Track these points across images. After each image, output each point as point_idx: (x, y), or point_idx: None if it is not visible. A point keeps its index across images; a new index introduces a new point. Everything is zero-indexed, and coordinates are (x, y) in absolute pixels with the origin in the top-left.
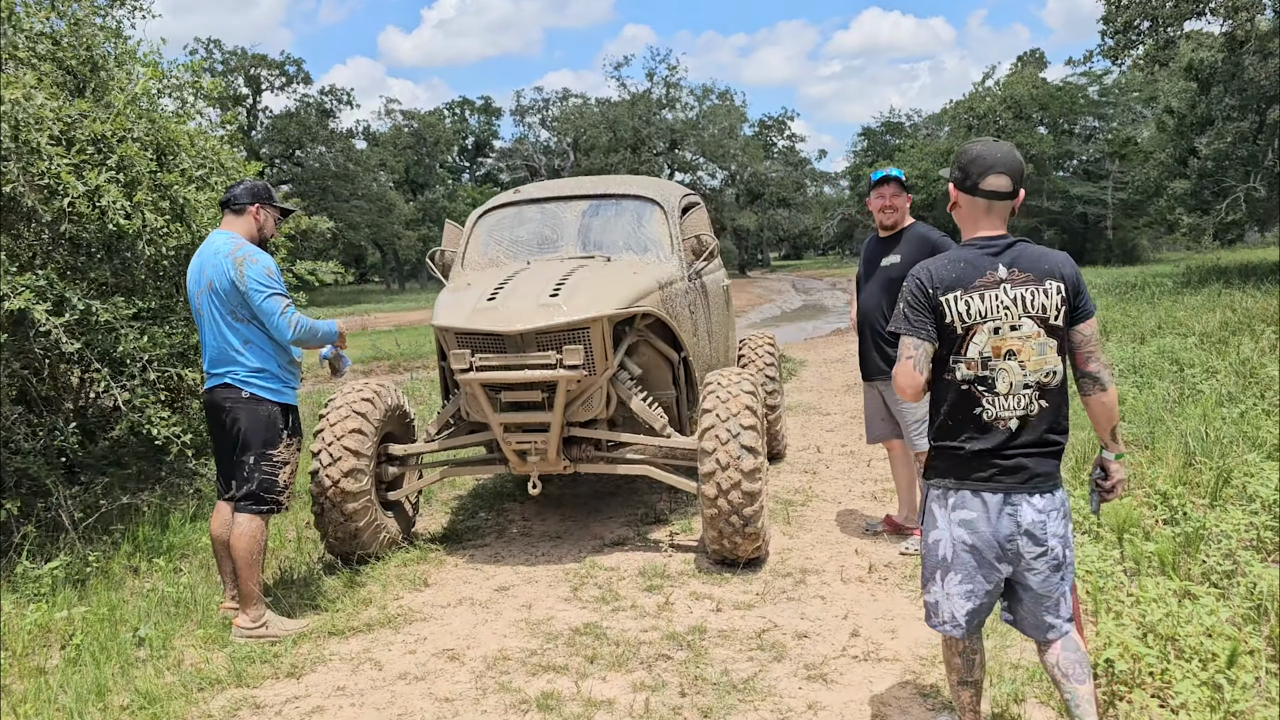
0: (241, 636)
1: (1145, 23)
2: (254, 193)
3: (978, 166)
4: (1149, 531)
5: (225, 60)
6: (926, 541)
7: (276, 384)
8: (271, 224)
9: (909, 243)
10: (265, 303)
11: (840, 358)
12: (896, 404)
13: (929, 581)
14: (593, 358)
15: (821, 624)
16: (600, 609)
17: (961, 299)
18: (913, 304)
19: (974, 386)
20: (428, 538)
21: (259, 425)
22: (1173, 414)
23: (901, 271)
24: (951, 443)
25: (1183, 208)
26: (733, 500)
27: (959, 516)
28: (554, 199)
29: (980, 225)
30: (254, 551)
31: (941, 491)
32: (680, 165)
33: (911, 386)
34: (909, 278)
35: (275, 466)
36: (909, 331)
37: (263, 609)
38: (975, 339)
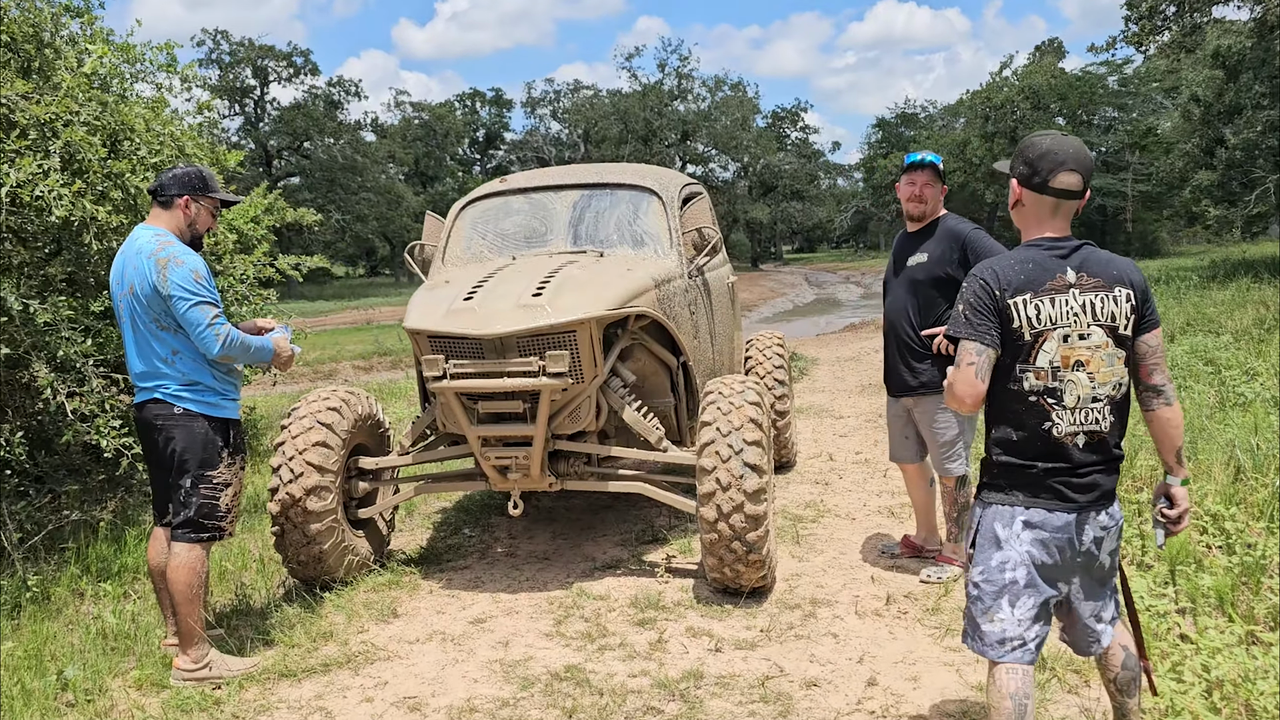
0: (181, 679)
1: (1171, 8)
2: (183, 182)
3: (1048, 162)
4: (1202, 560)
5: (233, 51)
6: (988, 564)
7: (213, 397)
8: (206, 218)
9: (938, 239)
10: (190, 312)
11: (854, 355)
12: (929, 424)
13: (992, 609)
14: (580, 364)
15: (834, 669)
16: (585, 648)
17: (1031, 303)
18: (976, 306)
19: (1043, 398)
20: (403, 558)
21: (195, 444)
22: (1214, 421)
23: (929, 272)
24: (1019, 460)
25: (1209, 199)
26: (734, 525)
27: (1031, 535)
28: (543, 188)
29: (1045, 225)
30: (194, 585)
31: (1009, 509)
32: (692, 157)
33: (972, 396)
34: (970, 278)
35: (216, 489)
36: (971, 336)
37: (206, 648)
38: (1045, 346)
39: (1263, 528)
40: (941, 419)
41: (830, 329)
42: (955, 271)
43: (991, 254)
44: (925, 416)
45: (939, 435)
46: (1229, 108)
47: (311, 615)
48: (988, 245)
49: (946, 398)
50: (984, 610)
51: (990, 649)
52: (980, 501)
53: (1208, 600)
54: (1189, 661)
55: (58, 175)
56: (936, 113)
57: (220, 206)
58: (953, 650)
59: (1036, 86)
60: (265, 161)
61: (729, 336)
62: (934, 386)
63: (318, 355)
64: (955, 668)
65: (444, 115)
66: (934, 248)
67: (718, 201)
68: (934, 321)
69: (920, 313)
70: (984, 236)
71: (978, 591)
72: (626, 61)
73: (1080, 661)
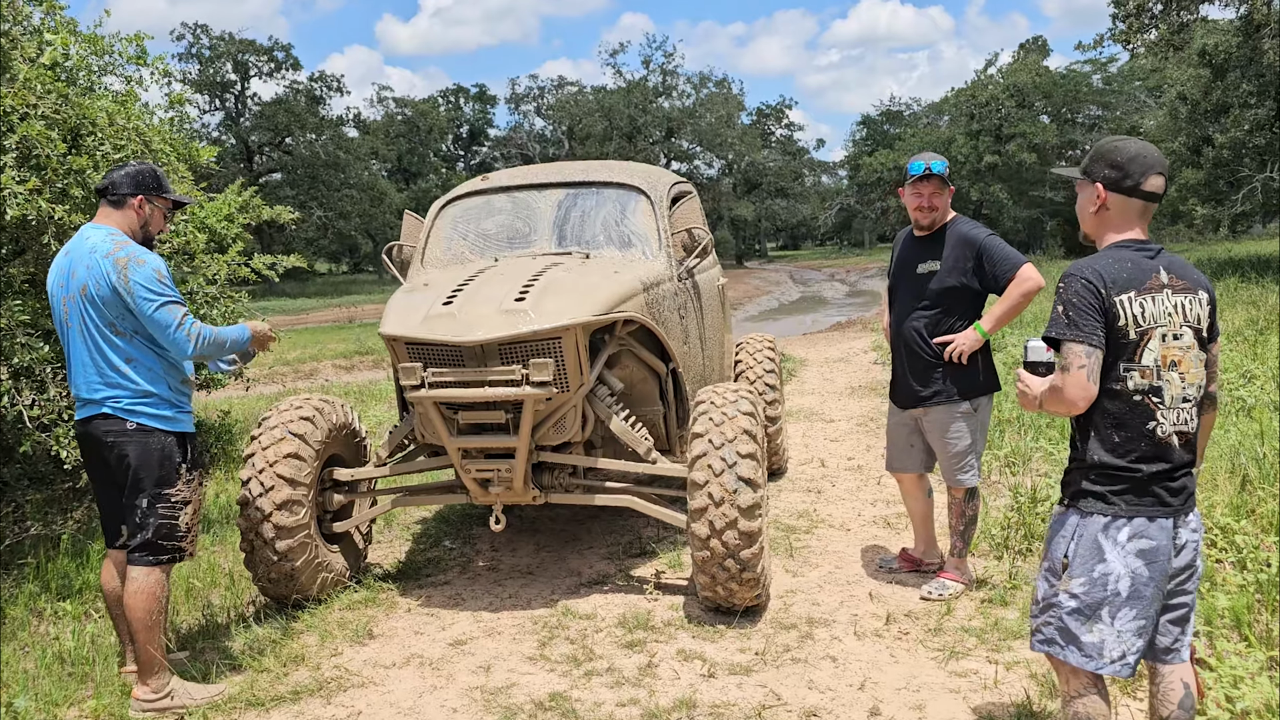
0: (140, 710)
1: (1158, 6)
2: (137, 181)
3: (1139, 166)
4: (1214, 577)
5: (213, 46)
6: (1090, 575)
7: (169, 410)
8: (159, 219)
9: (951, 246)
10: (158, 313)
11: (843, 356)
12: (942, 434)
13: (1092, 619)
14: (565, 372)
15: (834, 697)
16: (571, 673)
17: (1136, 301)
18: (1080, 306)
19: (1148, 397)
20: (380, 573)
21: (151, 461)
22: (1216, 427)
23: (942, 281)
24: (1121, 462)
25: (1195, 198)
26: (728, 542)
27: (1136, 546)
28: (527, 187)
29: (1130, 229)
30: (153, 611)
31: (1109, 519)
32: (677, 154)
33: (1085, 400)
34: (1069, 277)
35: (174, 508)
36: (1079, 338)
37: (167, 676)
38: (1150, 345)
39: (1274, 542)
40: (955, 429)
41: (817, 328)
42: (970, 280)
43: (1008, 260)
44: (937, 426)
45: (952, 446)
46: (1216, 106)
47: (282, 637)
48: (1004, 252)
49: (1052, 402)
50: (1083, 622)
51: (1090, 659)
52: (1076, 510)
53: (1224, 621)
54: (1210, 691)
55: (13, 172)
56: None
57: (173, 208)
58: (957, 675)
59: (1021, 84)
60: (246, 157)
61: (719, 341)
62: (946, 396)
63: (298, 354)
64: (961, 694)
65: (427, 111)
66: (947, 254)
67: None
68: (945, 331)
69: (932, 322)
70: (999, 243)
71: (1076, 603)
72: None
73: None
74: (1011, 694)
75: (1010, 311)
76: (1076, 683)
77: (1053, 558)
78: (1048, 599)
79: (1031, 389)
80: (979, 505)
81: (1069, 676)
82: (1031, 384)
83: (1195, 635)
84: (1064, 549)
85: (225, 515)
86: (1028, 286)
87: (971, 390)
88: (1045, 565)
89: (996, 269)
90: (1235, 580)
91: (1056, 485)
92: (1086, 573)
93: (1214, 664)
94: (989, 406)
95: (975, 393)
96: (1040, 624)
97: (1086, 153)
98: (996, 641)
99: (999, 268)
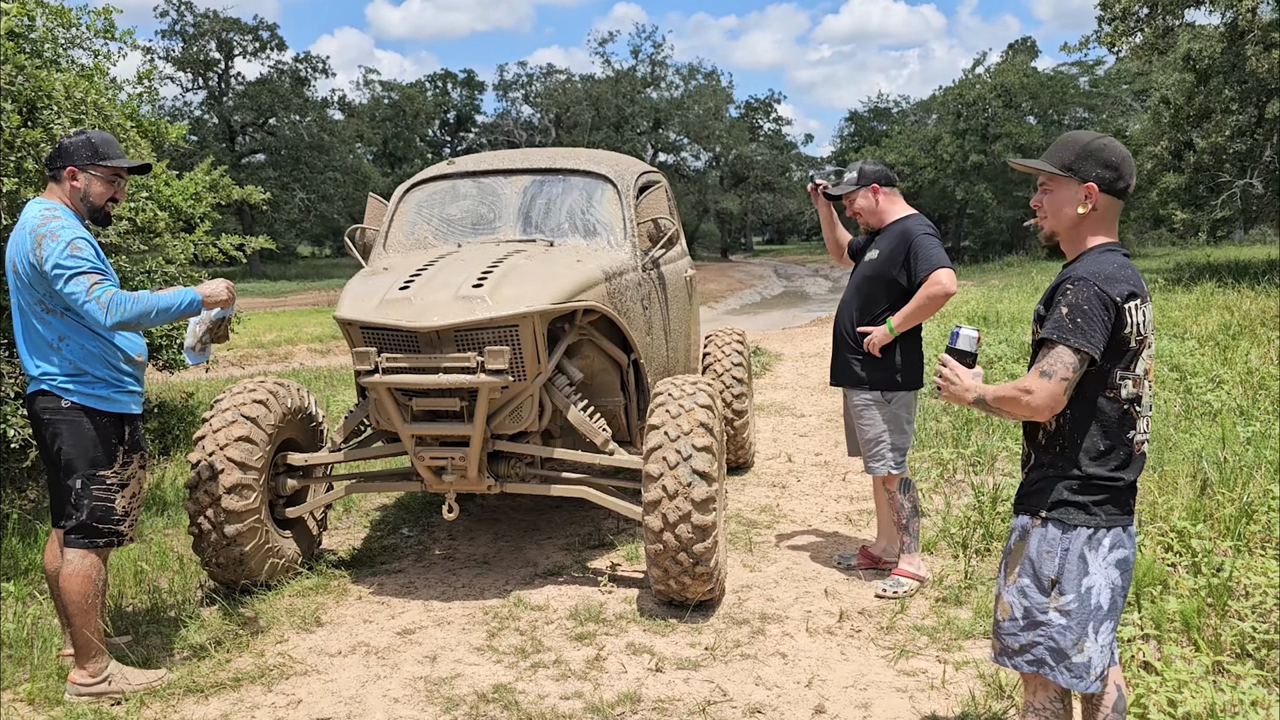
0: (76, 694)
1: (1144, 10)
2: (68, 152)
3: (1129, 167)
4: (1168, 581)
5: (197, 23)
6: (1078, 590)
7: (103, 389)
8: (101, 187)
9: (889, 238)
10: (66, 286)
11: (818, 351)
12: (856, 419)
13: (1082, 639)
14: (522, 361)
15: (780, 693)
16: (517, 665)
17: (1140, 309)
18: (1090, 314)
19: (1134, 406)
20: (334, 559)
21: (84, 442)
22: (1180, 430)
23: (875, 269)
24: (1104, 471)
25: (1176, 202)
26: (681, 535)
27: (1115, 557)
28: (493, 172)
29: (1110, 231)
30: (89, 594)
31: (1092, 531)
32: (664, 145)
33: (1051, 412)
34: (1080, 281)
35: (109, 491)
36: (1078, 346)
37: (104, 660)
38: (1143, 354)
39: (1230, 546)
40: (866, 415)
41: (796, 323)
42: (897, 273)
43: (933, 260)
44: (854, 410)
45: (863, 431)
46: (1199, 111)
47: (228, 623)
48: (928, 253)
49: (1012, 403)
50: (1074, 641)
51: (1079, 680)
52: (1056, 523)
53: (1174, 625)
54: (1154, 695)
55: None
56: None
57: (118, 175)
58: (906, 674)
59: (1009, 85)
60: (229, 137)
61: (685, 333)
62: (858, 382)
63: (274, 337)
64: (908, 694)
65: (414, 96)
66: (885, 246)
67: (688, 191)
68: (871, 320)
69: (861, 309)
70: (929, 243)
71: (1066, 620)
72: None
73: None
74: (958, 694)
75: (915, 312)
76: (1044, 695)
77: (1039, 574)
78: (1033, 617)
79: (960, 379)
80: (915, 498)
81: (1038, 688)
82: (960, 373)
83: (1145, 639)
84: (1051, 566)
85: (181, 498)
86: (934, 290)
87: (884, 382)
88: (1021, 580)
89: (917, 266)
90: (1187, 584)
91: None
92: (1075, 589)
93: (1160, 668)
94: (907, 401)
95: (888, 386)
96: (1026, 643)
97: (1056, 148)
98: (948, 641)
99: (919, 265)
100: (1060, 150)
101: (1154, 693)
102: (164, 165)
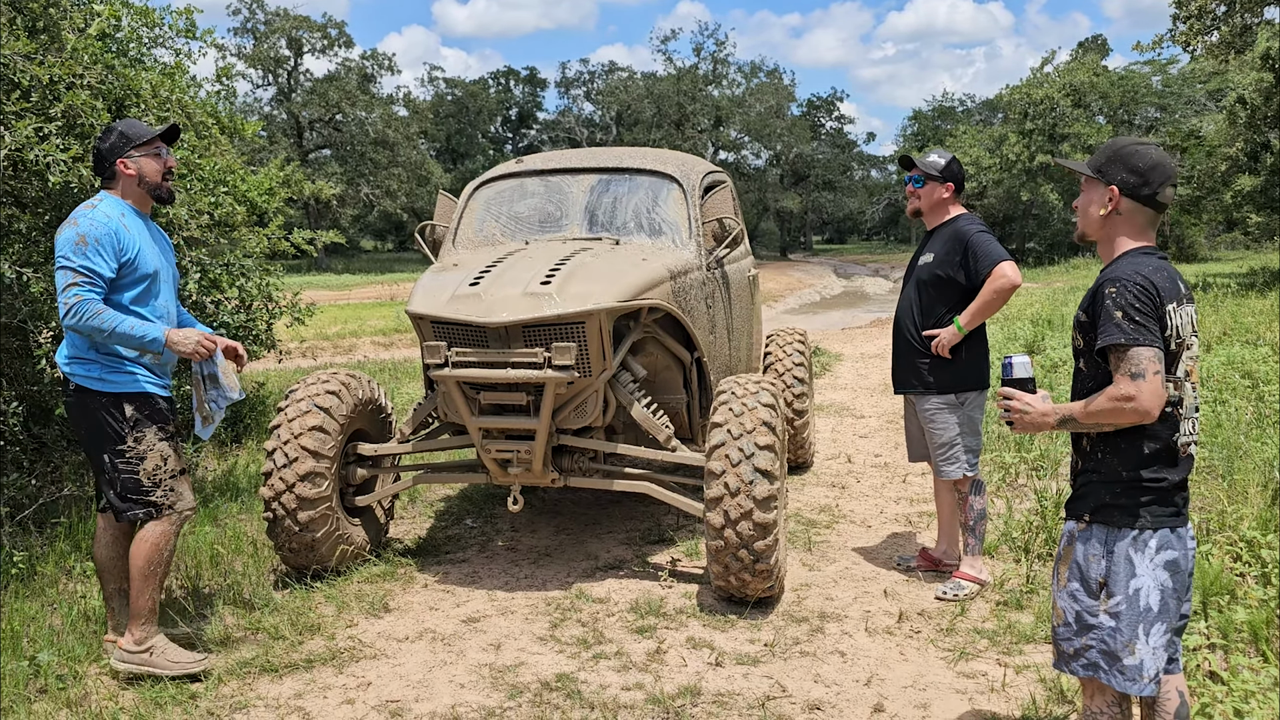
0: (120, 660)
1: (1221, 8)
2: (108, 153)
3: (1159, 175)
4: (1236, 591)
5: (268, 21)
6: (1125, 592)
7: (97, 370)
8: (151, 164)
9: (945, 239)
10: (57, 274)
11: (879, 352)
12: (928, 423)
13: (1133, 641)
14: (588, 357)
15: (839, 691)
16: (580, 655)
17: (1178, 312)
18: (1143, 310)
19: (1176, 409)
20: (401, 548)
21: (91, 423)
22: (1251, 439)
23: (932, 272)
24: (1148, 474)
25: (1250, 205)
26: (742, 532)
27: (1163, 559)
28: (561, 171)
29: (1142, 236)
30: (153, 560)
31: (1137, 532)
32: (724, 143)
33: (1160, 407)
34: (1122, 282)
35: (131, 463)
36: (1150, 341)
37: (152, 629)
38: (1183, 357)
39: None
40: (939, 419)
41: (856, 323)
42: (955, 273)
43: (993, 254)
44: (925, 415)
45: (936, 435)
46: (1277, 112)
47: (300, 606)
48: (987, 249)
49: (1115, 413)
50: (1124, 644)
51: (1133, 683)
52: (1101, 525)
53: (1241, 635)
54: (1219, 705)
55: (57, 140)
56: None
57: (157, 147)
58: (965, 676)
59: (1078, 84)
60: (297, 133)
61: (748, 332)
62: (929, 387)
63: (339, 330)
64: (968, 695)
65: (477, 93)
66: (940, 248)
67: (748, 189)
68: (935, 322)
69: (923, 312)
70: (986, 239)
71: (1115, 623)
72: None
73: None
74: (1019, 698)
75: (983, 308)
76: (1101, 700)
77: (1087, 578)
78: (1084, 621)
79: (1034, 406)
80: (985, 501)
81: (1095, 693)
82: (1031, 401)
83: (1211, 649)
84: (1098, 568)
85: (254, 485)
86: (1000, 284)
87: (954, 383)
88: (1071, 585)
89: (978, 264)
90: (1256, 595)
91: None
92: (1123, 590)
93: (1226, 678)
94: (980, 402)
95: (959, 386)
96: (1080, 647)
97: (1098, 150)
98: (1008, 644)
99: (980, 263)
100: (1099, 153)
101: (1219, 702)
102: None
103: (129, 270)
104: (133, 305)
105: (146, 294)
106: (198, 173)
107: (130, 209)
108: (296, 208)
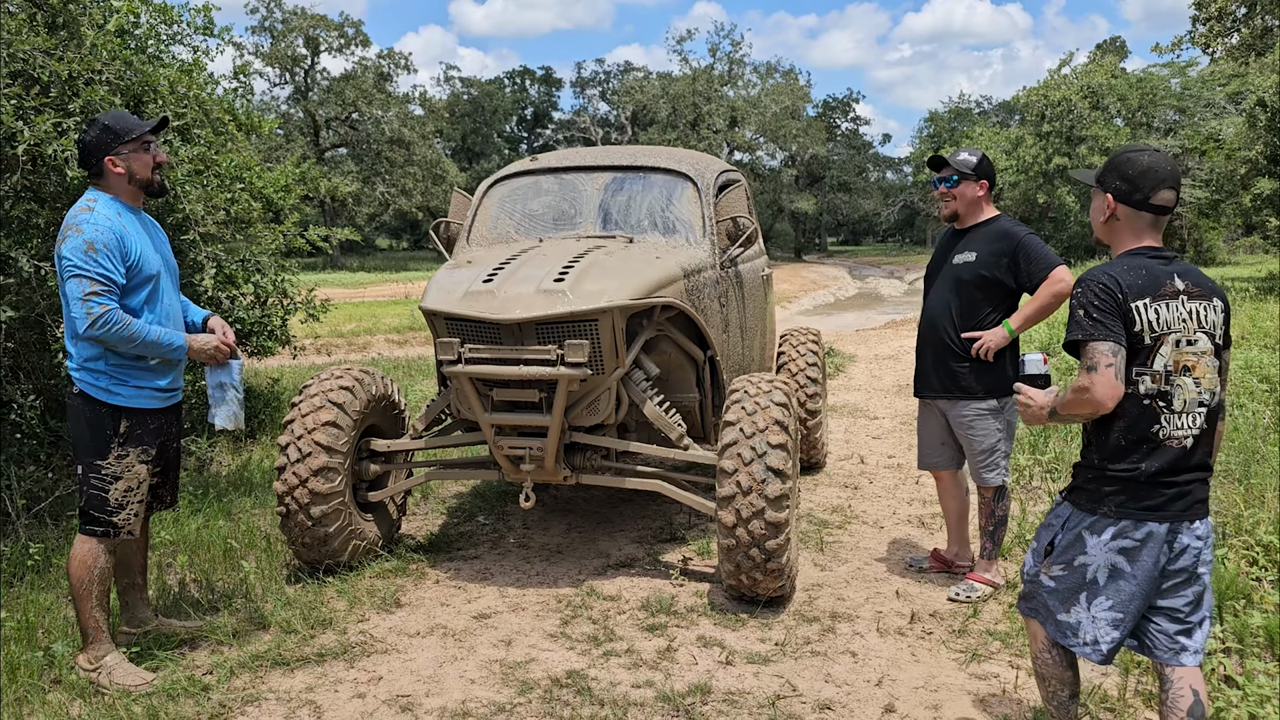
0: (81, 674)
1: (1241, 10)
2: (94, 148)
3: (1150, 180)
4: (1252, 595)
5: (285, 20)
6: (1070, 562)
7: (105, 381)
8: (140, 159)
9: (989, 239)
10: (68, 283)
11: (893, 353)
12: (967, 430)
13: (1069, 602)
14: (601, 354)
15: (850, 691)
16: (590, 652)
17: (1151, 307)
18: (1102, 308)
19: (1155, 402)
20: (413, 544)
21: (82, 429)
22: (1269, 443)
23: (976, 272)
24: (1121, 464)
25: (1270, 208)
26: (753, 531)
27: (1118, 545)
28: (575, 169)
29: (1142, 238)
30: (84, 580)
31: (1096, 518)
32: (739, 144)
33: (1114, 398)
34: (1088, 280)
35: (104, 481)
36: (1106, 336)
37: (103, 649)
38: (1162, 351)
39: None
40: (981, 425)
41: (870, 325)
42: (1004, 276)
43: (1048, 258)
44: (963, 422)
45: (977, 442)
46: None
47: (312, 600)
48: (1040, 252)
49: (1076, 404)
50: (1060, 603)
51: (1064, 636)
52: (1070, 503)
53: (1256, 640)
54: (1235, 709)
55: (75, 135)
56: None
57: (147, 141)
58: (977, 678)
59: (1096, 86)
60: (313, 131)
61: (761, 331)
62: (972, 392)
63: (353, 328)
64: (980, 697)
65: (493, 92)
66: (984, 248)
67: (763, 190)
68: (975, 324)
69: (963, 314)
70: (1037, 242)
71: (1054, 584)
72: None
73: (1115, 698)
74: (1031, 699)
75: (1040, 312)
76: (1041, 641)
77: (1039, 540)
78: (1031, 575)
79: (1035, 400)
80: (1009, 506)
81: (1036, 633)
82: (1035, 396)
83: (1226, 653)
84: (1049, 537)
85: (268, 480)
86: (1059, 288)
87: (998, 388)
88: (1034, 544)
89: (1032, 267)
90: (1272, 599)
91: None
92: (1067, 561)
93: (1242, 682)
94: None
95: (1002, 391)
96: (1028, 592)
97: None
98: (1020, 646)
99: (1034, 266)
100: (1105, 162)
101: (1235, 706)
102: (258, 158)
103: (134, 273)
104: (143, 308)
105: (154, 295)
106: (214, 169)
107: (124, 207)
108: (313, 205)
